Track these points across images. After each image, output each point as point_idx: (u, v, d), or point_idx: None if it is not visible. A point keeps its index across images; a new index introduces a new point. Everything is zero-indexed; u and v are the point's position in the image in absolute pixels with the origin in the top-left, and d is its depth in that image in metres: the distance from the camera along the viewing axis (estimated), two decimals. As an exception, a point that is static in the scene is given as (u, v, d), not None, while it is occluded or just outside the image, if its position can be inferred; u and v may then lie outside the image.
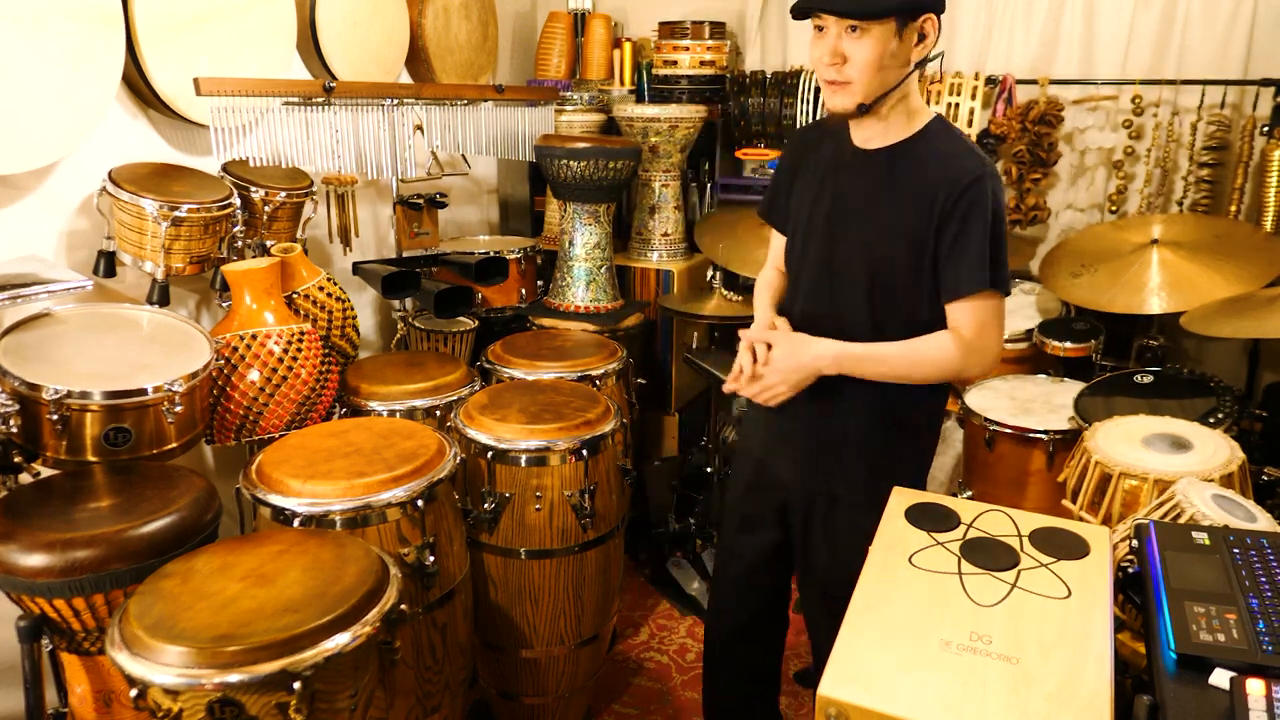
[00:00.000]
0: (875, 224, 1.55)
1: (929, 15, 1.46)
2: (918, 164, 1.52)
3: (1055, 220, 3.05)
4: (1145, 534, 1.32)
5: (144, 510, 1.57)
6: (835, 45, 1.45)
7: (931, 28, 1.47)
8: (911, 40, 1.46)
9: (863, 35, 1.42)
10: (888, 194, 1.54)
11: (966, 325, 1.51)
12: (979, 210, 1.46)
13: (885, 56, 1.44)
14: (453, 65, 3.11)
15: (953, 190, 1.46)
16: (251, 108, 2.14)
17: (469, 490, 2.07)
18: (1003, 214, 1.48)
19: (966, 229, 1.46)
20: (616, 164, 2.79)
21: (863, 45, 1.43)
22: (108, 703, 1.58)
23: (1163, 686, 1.02)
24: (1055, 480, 2.19)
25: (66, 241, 2.10)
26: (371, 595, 1.38)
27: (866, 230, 1.56)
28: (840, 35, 1.44)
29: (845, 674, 1.11)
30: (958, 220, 1.46)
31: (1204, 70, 2.72)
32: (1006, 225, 1.49)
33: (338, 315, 2.43)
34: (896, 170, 1.54)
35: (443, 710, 1.87)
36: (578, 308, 2.94)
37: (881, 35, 1.42)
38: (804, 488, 1.72)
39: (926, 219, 1.49)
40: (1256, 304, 2.23)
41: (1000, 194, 1.49)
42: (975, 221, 1.46)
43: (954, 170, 1.47)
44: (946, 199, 1.47)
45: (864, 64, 1.44)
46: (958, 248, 1.48)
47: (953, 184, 1.46)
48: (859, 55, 1.44)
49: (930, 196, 1.48)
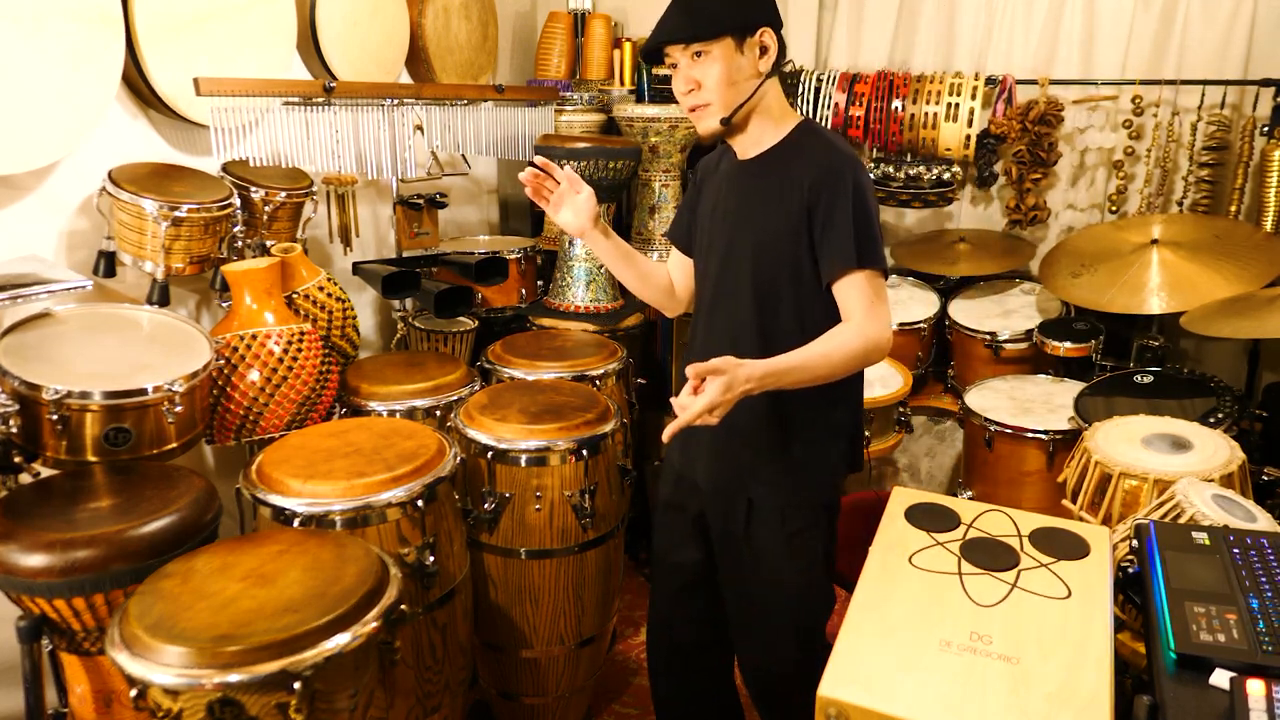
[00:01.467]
0: (753, 225, 1.64)
1: (764, 29, 1.57)
2: (785, 163, 1.61)
3: (1055, 220, 3.05)
4: (1145, 534, 1.32)
5: (144, 510, 1.57)
6: (687, 73, 1.57)
7: (770, 40, 1.58)
8: (754, 54, 1.57)
9: (707, 58, 1.55)
10: (761, 196, 1.63)
11: (855, 306, 1.55)
12: (841, 194, 1.54)
13: (732, 72, 1.55)
14: (453, 65, 3.11)
15: (815, 180, 1.55)
16: (251, 108, 2.14)
17: (469, 490, 2.07)
18: (865, 194, 1.56)
19: (832, 214, 1.54)
20: (616, 164, 2.79)
21: (709, 67, 1.55)
22: (108, 703, 1.58)
23: (1163, 686, 1.02)
24: (1055, 480, 2.19)
25: (66, 241, 2.10)
26: (371, 595, 1.38)
27: (746, 233, 1.64)
28: (689, 64, 1.57)
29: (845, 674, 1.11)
30: (823, 208, 1.55)
31: (1204, 70, 2.72)
32: (873, 205, 1.56)
33: (338, 315, 2.43)
34: (768, 172, 1.63)
35: (443, 710, 1.87)
36: (578, 308, 2.94)
37: (723, 54, 1.54)
38: (720, 492, 1.72)
39: (797, 210, 1.57)
40: (1256, 304, 2.23)
41: (862, 178, 1.57)
42: (838, 205, 1.54)
43: (815, 163, 1.57)
44: (810, 188, 1.55)
45: (715, 83, 1.55)
46: (827, 232, 1.55)
47: (814, 175, 1.56)
48: (708, 76, 1.55)
49: (797, 188, 1.57)
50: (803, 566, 1.69)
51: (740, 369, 1.43)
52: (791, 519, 1.67)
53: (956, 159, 2.96)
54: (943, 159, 2.98)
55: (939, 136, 2.91)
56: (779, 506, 1.67)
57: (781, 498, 1.67)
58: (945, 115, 2.88)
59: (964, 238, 3.05)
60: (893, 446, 2.76)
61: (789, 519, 1.67)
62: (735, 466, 1.70)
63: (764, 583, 1.71)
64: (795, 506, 1.67)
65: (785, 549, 1.68)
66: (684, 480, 1.81)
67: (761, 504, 1.68)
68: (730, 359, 1.43)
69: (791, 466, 1.67)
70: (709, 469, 1.74)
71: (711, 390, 1.38)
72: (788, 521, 1.67)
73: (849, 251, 1.53)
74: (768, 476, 1.67)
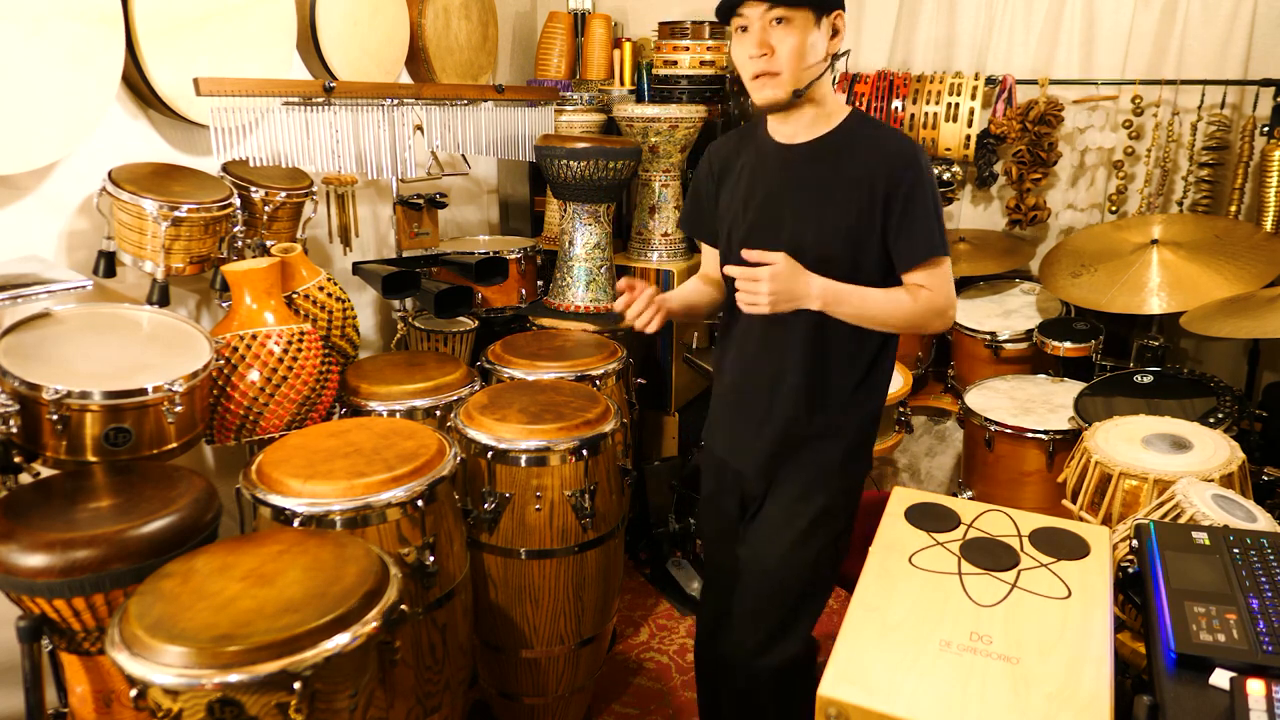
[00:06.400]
0: (809, 217, 1.62)
1: (839, 11, 1.57)
2: (847, 150, 1.60)
3: (1055, 220, 3.05)
4: (1145, 534, 1.32)
5: (144, 510, 1.57)
6: (762, 37, 1.53)
7: (842, 23, 1.58)
8: (827, 33, 1.56)
9: (786, 25, 1.51)
10: (818, 183, 1.61)
11: (930, 284, 1.60)
12: (920, 183, 1.55)
13: (807, 47, 1.53)
14: (453, 65, 3.11)
15: (891, 172, 1.55)
16: (251, 108, 2.14)
17: (469, 490, 2.07)
18: (935, 185, 1.60)
19: (912, 206, 1.55)
20: (616, 164, 2.79)
21: (787, 36, 1.51)
22: (108, 703, 1.58)
23: (1163, 686, 1.02)
24: (1055, 480, 2.19)
25: (66, 241, 2.10)
26: (371, 595, 1.38)
27: (801, 224, 1.63)
28: (765, 28, 1.52)
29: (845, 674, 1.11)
30: (902, 199, 1.55)
31: (1204, 70, 2.72)
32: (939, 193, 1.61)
33: (338, 315, 2.43)
34: (825, 159, 1.62)
35: (443, 710, 1.87)
36: (578, 308, 2.94)
37: (803, 24, 1.52)
38: (757, 481, 1.78)
39: (868, 203, 1.57)
40: (1256, 304, 2.23)
41: (930, 167, 1.60)
42: (918, 198, 1.55)
43: (888, 154, 1.57)
44: (888, 181, 1.55)
45: (791, 52, 1.52)
46: (907, 222, 1.56)
47: (890, 167, 1.56)
48: (785, 44, 1.52)
49: (869, 181, 1.57)
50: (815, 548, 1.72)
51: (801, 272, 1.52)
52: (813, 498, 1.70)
53: (956, 159, 2.96)
54: (943, 159, 2.98)
55: (939, 136, 2.91)
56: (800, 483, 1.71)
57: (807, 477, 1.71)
58: (945, 115, 2.88)
59: (964, 238, 3.05)
60: (893, 446, 2.76)
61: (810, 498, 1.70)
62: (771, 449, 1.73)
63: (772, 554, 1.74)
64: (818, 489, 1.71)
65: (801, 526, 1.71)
66: (725, 468, 1.84)
67: (788, 483, 1.72)
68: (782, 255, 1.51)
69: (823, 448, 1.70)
70: (747, 460, 1.77)
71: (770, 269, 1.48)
72: (809, 499, 1.70)
73: (932, 242, 1.56)
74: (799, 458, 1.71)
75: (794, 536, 1.71)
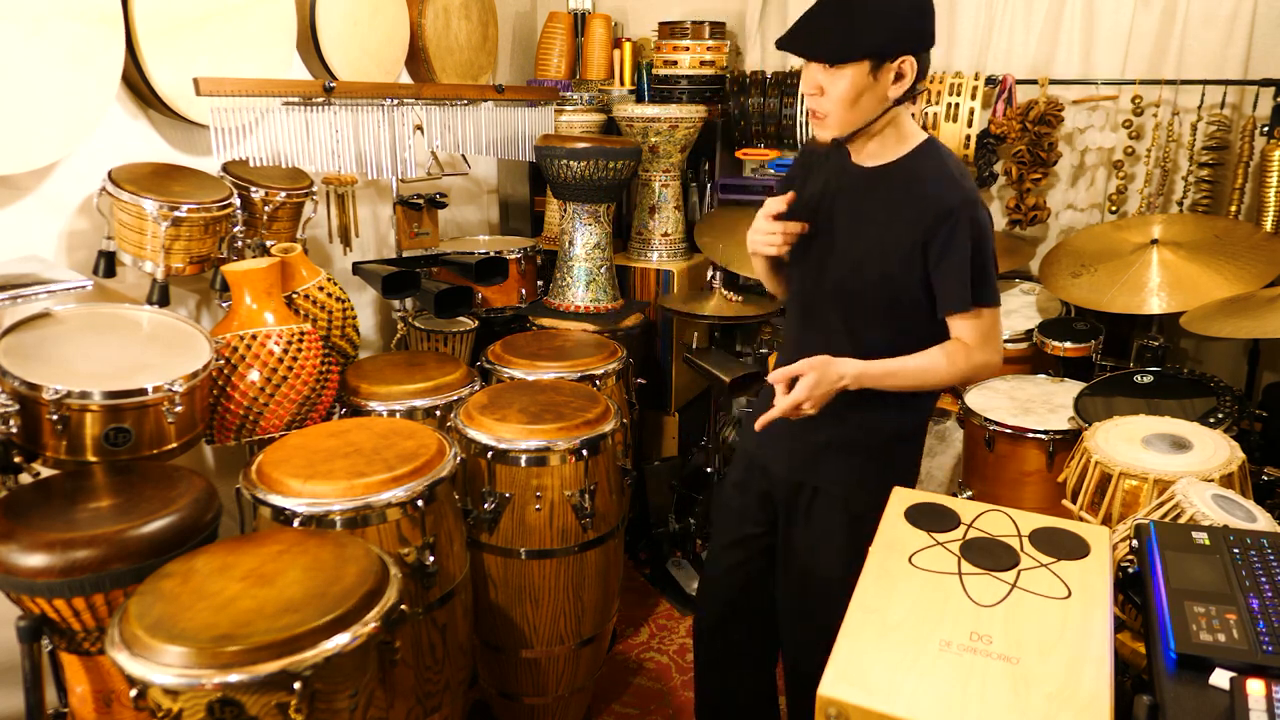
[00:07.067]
0: (862, 240, 1.62)
1: (906, 56, 1.51)
2: (903, 183, 1.59)
3: (1055, 220, 3.05)
4: (1145, 534, 1.32)
5: (144, 510, 1.57)
6: (814, 78, 1.54)
7: (909, 68, 1.52)
8: (888, 80, 1.52)
9: (837, 72, 1.51)
10: (872, 212, 1.61)
11: (968, 336, 1.60)
12: (959, 234, 1.53)
13: (858, 94, 1.51)
14: (453, 65, 3.11)
15: (937, 214, 1.53)
16: (251, 108, 2.14)
17: (469, 490, 2.07)
18: (986, 235, 1.55)
19: (948, 254, 1.54)
20: (616, 164, 2.79)
21: (838, 81, 1.51)
22: (108, 703, 1.58)
23: (1163, 686, 1.02)
24: (1055, 480, 2.19)
25: (66, 241, 2.10)
26: (371, 595, 1.38)
27: (853, 244, 1.63)
28: (819, 68, 1.53)
29: (845, 674, 1.11)
30: (939, 246, 1.54)
31: (1204, 70, 2.72)
32: (992, 244, 1.57)
33: (338, 315, 2.43)
34: (883, 189, 1.61)
35: (443, 710, 1.87)
36: (578, 308, 2.94)
37: (855, 74, 1.50)
38: (789, 479, 1.76)
39: (910, 242, 1.56)
40: (1256, 304, 2.23)
41: (982, 218, 1.56)
42: (955, 245, 1.53)
43: (938, 195, 1.54)
44: (929, 226, 1.54)
45: (838, 99, 1.52)
46: (943, 268, 1.55)
47: (934, 211, 1.54)
48: (834, 90, 1.52)
49: (913, 219, 1.55)
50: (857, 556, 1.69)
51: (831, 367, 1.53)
52: (855, 503, 1.69)
53: (956, 159, 2.96)
54: (943, 159, 2.97)
55: (939, 137, 2.91)
56: (843, 493, 1.70)
57: (849, 482, 1.70)
58: (945, 115, 2.88)
59: (964, 238, 3.05)
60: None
61: (852, 503, 1.69)
62: (805, 453, 1.73)
63: (819, 567, 1.73)
64: (859, 492, 1.69)
65: (845, 534, 1.69)
66: (754, 463, 1.83)
67: (827, 489, 1.71)
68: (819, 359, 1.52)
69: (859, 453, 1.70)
70: (780, 454, 1.77)
71: (800, 387, 1.50)
72: (850, 505, 1.69)
73: (965, 294, 1.55)
74: (836, 462, 1.71)
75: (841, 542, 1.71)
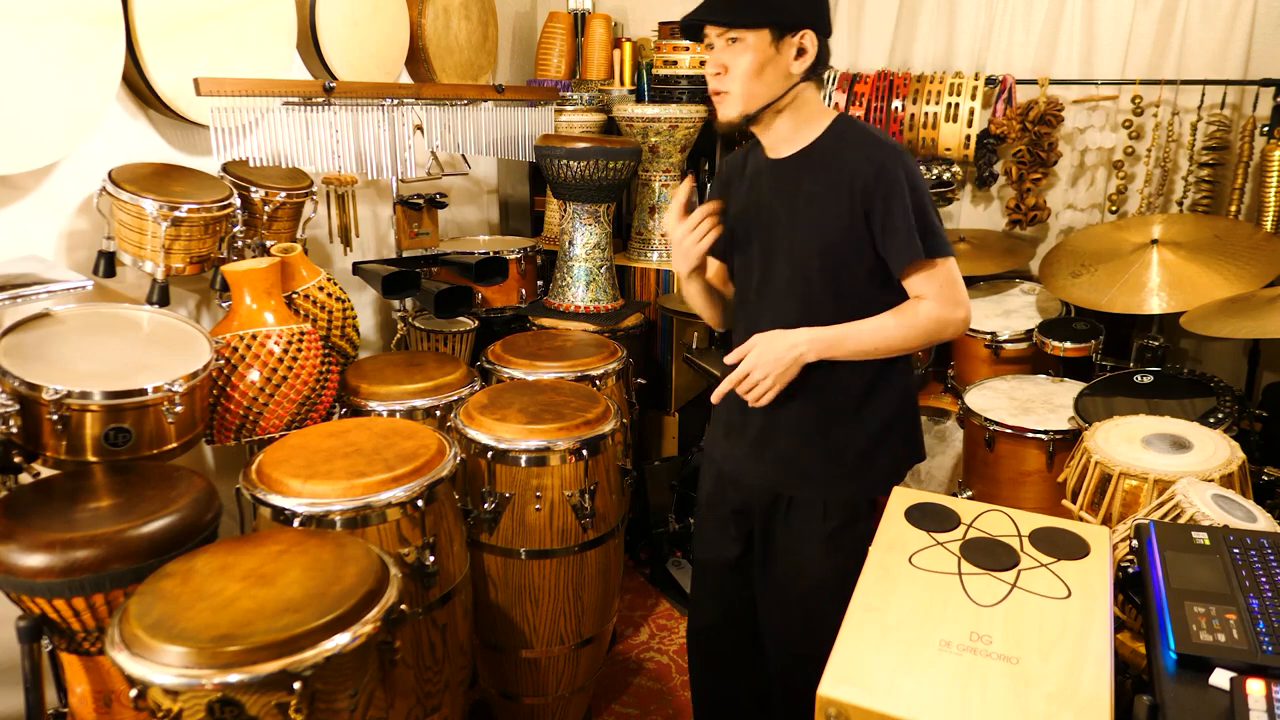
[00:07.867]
0: (797, 229, 1.61)
1: (806, 30, 1.52)
2: (825, 163, 1.58)
3: (1055, 220, 3.05)
4: (1145, 534, 1.32)
5: (144, 510, 1.57)
6: (717, 56, 1.54)
7: (810, 43, 1.53)
8: (790, 54, 1.53)
9: (739, 45, 1.51)
10: (804, 199, 1.60)
11: (928, 291, 1.57)
12: (895, 193, 1.52)
13: (762, 67, 1.51)
14: (453, 65, 3.11)
15: (866, 182, 1.53)
16: (251, 108, 2.14)
17: (469, 490, 2.07)
18: (917, 185, 1.54)
19: (890, 215, 1.53)
20: (616, 164, 2.79)
21: (740, 55, 1.51)
22: (108, 703, 1.58)
23: (1163, 686, 1.02)
24: (1055, 480, 2.19)
25: (66, 241, 2.10)
26: (371, 595, 1.38)
27: (790, 236, 1.62)
28: (722, 47, 1.53)
29: (845, 674, 1.11)
30: (880, 210, 1.53)
31: (1204, 70, 2.72)
32: (925, 193, 1.56)
33: (338, 315, 2.43)
34: (806, 173, 1.60)
35: (443, 710, 1.87)
36: (578, 308, 2.94)
37: (757, 45, 1.50)
38: (766, 489, 1.73)
39: (850, 215, 1.55)
40: (1256, 304, 2.23)
41: (915, 170, 1.56)
42: (894, 205, 1.52)
43: (861, 162, 1.54)
44: (863, 192, 1.53)
45: (741, 73, 1.52)
46: (889, 233, 1.54)
47: (864, 176, 1.53)
48: (737, 65, 1.52)
49: (846, 191, 1.55)
50: (840, 562, 1.67)
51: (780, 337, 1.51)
52: (832, 515, 1.67)
53: (956, 159, 2.96)
54: (943, 159, 2.98)
55: (939, 136, 2.91)
56: (820, 502, 1.67)
57: (823, 493, 1.67)
58: (945, 115, 2.88)
59: (964, 238, 3.05)
60: (893, 446, 2.75)
61: (830, 514, 1.67)
62: (777, 462, 1.70)
63: (800, 578, 1.71)
64: (836, 502, 1.67)
65: (824, 545, 1.67)
66: (724, 476, 1.81)
67: (803, 500, 1.69)
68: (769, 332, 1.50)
69: (835, 461, 1.67)
70: (750, 465, 1.73)
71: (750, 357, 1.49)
72: (829, 517, 1.67)
73: (916, 244, 1.53)
74: (811, 472, 1.68)
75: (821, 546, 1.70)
